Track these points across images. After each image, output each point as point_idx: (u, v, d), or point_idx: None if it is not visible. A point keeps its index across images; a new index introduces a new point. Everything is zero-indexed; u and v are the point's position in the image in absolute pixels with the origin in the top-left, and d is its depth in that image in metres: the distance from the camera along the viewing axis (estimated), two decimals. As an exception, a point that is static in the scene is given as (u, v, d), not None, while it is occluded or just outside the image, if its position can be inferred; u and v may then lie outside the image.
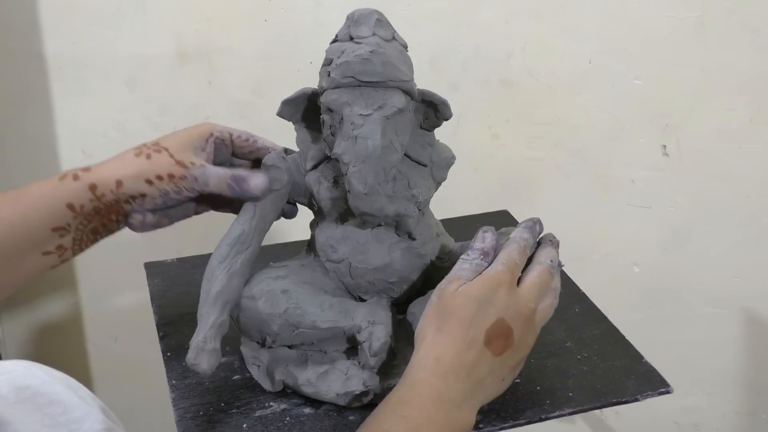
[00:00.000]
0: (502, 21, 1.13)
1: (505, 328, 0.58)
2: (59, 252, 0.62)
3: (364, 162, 0.60)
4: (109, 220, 0.63)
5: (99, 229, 0.63)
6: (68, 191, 0.61)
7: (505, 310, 0.59)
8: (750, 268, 1.26)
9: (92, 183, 0.61)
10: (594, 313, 0.79)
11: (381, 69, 0.61)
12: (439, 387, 0.56)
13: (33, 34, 1.09)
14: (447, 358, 0.57)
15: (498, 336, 0.58)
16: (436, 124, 0.68)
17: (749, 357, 1.32)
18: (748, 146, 1.18)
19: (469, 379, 0.57)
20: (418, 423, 0.54)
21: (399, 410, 0.55)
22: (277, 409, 0.67)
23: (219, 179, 0.64)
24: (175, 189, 0.63)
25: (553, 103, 1.18)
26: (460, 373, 0.57)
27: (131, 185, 0.62)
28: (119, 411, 0.88)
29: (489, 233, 0.62)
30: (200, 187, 0.63)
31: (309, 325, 0.66)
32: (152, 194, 0.62)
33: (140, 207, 0.63)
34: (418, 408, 0.55)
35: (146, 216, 0.65)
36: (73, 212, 0.61)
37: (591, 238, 1.26)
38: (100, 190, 0.61)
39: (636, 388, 0.69)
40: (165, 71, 1.13)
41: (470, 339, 0.57)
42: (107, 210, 0.62)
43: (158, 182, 0.62)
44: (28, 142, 1.16)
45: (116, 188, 0.61)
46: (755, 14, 1.11)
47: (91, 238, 0.63)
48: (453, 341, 0.57)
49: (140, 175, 0.62)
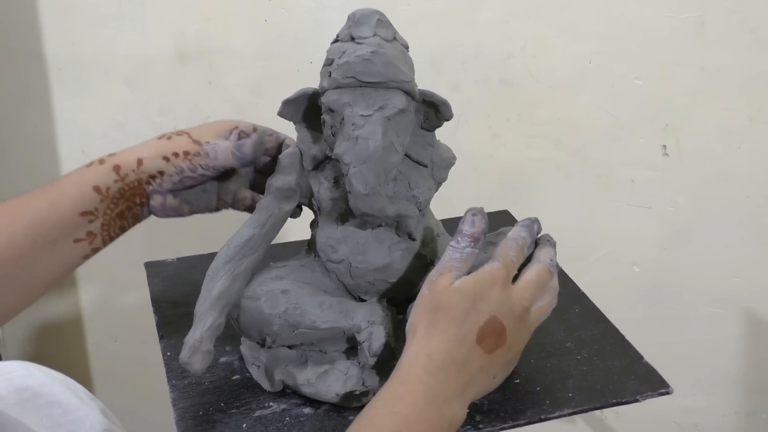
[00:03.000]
0: (502, 21, 1.13)
1: (497, 325, 0.58)
2: (89, 239, 0.64)
3: (365, 162, 0.60)
4: (133, 204, 0.66)
5: (125, 214, 0.66)
6: (95, 175, 0.64)
7: (499, 307, 0.59)
8: (750, 268, 1.26)
9: (116, 164, 0.65)
10: (594, 313, 0.79)
11: (382, 69, 0.61)
12: (430, 383, 0.56)
13: (33, 34, 1.09)
14: (438, 355, 0.57)
15: (490, 334, 0.58)
16: (436, 124, 0.68)
17: (749, 357, 1.32)
18: (748, 146, 1.18)
19: (460, 375, 0.57)
20: (409, 419, 0.54)
21: (390, 406, 0.55)
22: (277, 409, 0.67)
23: (225, 150, 0.67)
24: (191, 166, 0.66)
25: (553, 103, 1.18)
26: (451, 369, 0.57)
27: (150, 163, 0.65)
28: (119, 411, 0.88)
29: (478, 216, 0.61)
30: (211, 161, 0.67)
31: (309, 325, 0.66)
32: (169, 171, 0.66)
33: (159, 186, 0.66)
34: (409, 404, 0.55)
35: (167, 198, 0.67)
36: (100, 195, 0.64)
37: (591, 238, 1.26)
38: (123, 171, 0.65)
39: (636, 388, 0.69)
40: (165, 71, 1.13)
41: (462, 336, 0.57)
42: (131, 192, 0.65)
43: (174, 159, 0.66)
44: (28, 142, 1.16)
45: (137, 167, 0.65)
46: (755, 14, 1.11)
47: (119, 224, 0.66)
48: (445, 338, 0.57)
49: (158, 154, 0.66)
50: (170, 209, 0.68)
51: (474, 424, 0.64)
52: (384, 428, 0.53)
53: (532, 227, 0.65)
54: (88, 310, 1.30)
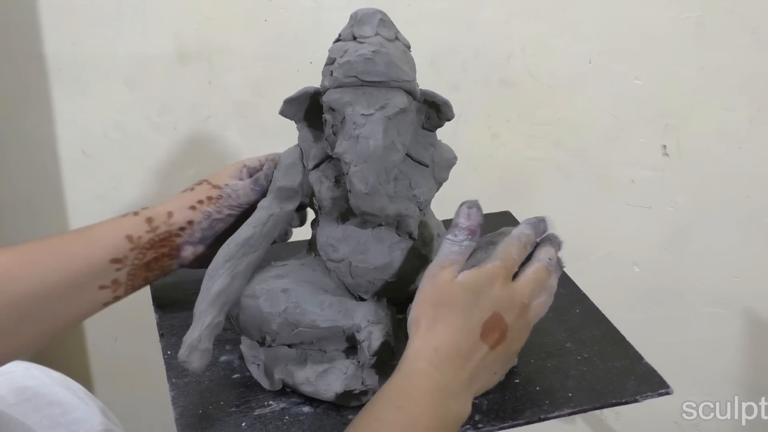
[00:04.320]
0: (502, 21, 1.13)
1: (500, 322, 0.59)
2: (114, 287, 0.66)
3: (366, 162, 0.60)
4: (161, 255, 0.68)
5: (152, 265, 0.68)
6: (128, 224, 0.66)
7: (501, 303, 0.59)
8: (750, 268, 1.26)
9: (149, 216, 0.67)
10: (594, 313, 0.79)
11: (383, 69, 0.61)
12: (436, 377, 0.56)
13: (33, 34, 1.09)
14: (444, 348, 0.57)
15: (494, 329, 0.58)
16: (438, 124, 0.68)
17: (749, 357, 1.32)
18: (748, 146, 1.18)
19: (465, 369, 0.57)
20: (414, 414, 0.54)
21: (395, 401, 0.55)
22: (276, 408, 0.67)
23: (245, 188, 0.70)
24: (216, 209, 0.69)
25: (553, 103, 1.18)
26: (457, 363, 0.57)
27: (179, 215, 0.68)
28: (119, 411, 0.88)
29: (474, 209, 0.61)
30: (234, 201, 0.70)
31: (308, 324, 0.66)
32: (197, 219, 0.69)
33: (191, 237, 0.69)
34: (414, 399, 0.54)
35: (198, 248, 0.70)
36: (131, 243, 0.66)
37: (591, 238, 1.26)
38: (155, 222, 0.67)
39: (635, 388, 0.69)
40: (165, 71, 1.13)
41: (468, 330, 0.57)
42: (161, 243, 0.67)
43: (200, 206, 0.69)
44: (28, 142, 1.16)
45: (168, 219, 0.68)
46: (755, 14, 1.11)
47: (144, 275, 0.68)
48: (451, 330, 0.57)
49: (185, 204, 0.69)
50: (203, 258, 0.70)
51: (473, 424, 0.64)
52: (389, 423, 0.53)
53: (537, 225, 0.65)
54: (88, 310, 1.30)
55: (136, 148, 1.17)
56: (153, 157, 1.18)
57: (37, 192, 1.20)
